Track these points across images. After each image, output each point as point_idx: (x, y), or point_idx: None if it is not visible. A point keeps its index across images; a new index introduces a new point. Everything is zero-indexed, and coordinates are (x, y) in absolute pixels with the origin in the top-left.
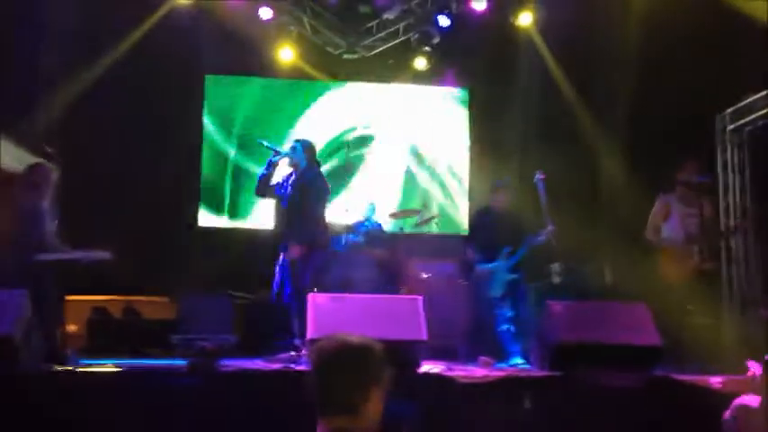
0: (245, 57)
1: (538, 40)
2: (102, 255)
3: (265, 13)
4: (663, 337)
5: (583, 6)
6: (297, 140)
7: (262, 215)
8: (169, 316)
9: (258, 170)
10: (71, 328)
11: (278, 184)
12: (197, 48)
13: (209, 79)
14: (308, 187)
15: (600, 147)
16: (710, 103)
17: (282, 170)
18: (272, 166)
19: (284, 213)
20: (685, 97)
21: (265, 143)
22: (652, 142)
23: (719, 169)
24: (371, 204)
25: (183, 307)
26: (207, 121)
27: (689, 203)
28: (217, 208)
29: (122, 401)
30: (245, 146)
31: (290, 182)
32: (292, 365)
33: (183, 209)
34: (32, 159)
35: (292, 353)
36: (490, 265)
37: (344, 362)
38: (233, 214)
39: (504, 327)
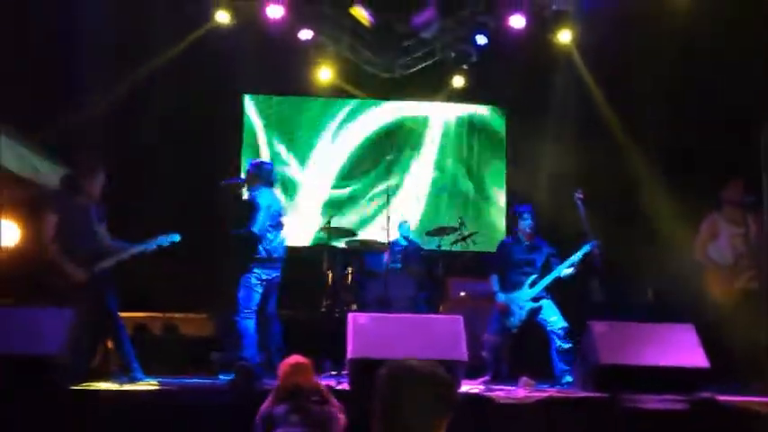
0: (284, 76)
1: (576, 57)
2: (172, 237)
3: (305, 34)
4: (708, 357)
5: (622, 23)
6: (249, 161)
7: (298, 233)
8: (208, 333)
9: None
10: (110, 345)
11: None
12: (236, 67)
13: (249, 98)
14: (244, 205)
15: (640, 164)
16: (756, 118)
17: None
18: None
19: None
20: (729, 113)
21: (223, 182)
22: (695, 160)
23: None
24: (406, 222)
25: (222, 324)
26: (246, 140)
27: (736, 223)
28: None
29: (163, 419)
30: (281, 163)
31: None
32: (333, 385)
33: (223, 225)
34: (63, 171)
35: (334, 372)
36: (510, 296)
37: (423, 391)
38: None
39: (557, 344)
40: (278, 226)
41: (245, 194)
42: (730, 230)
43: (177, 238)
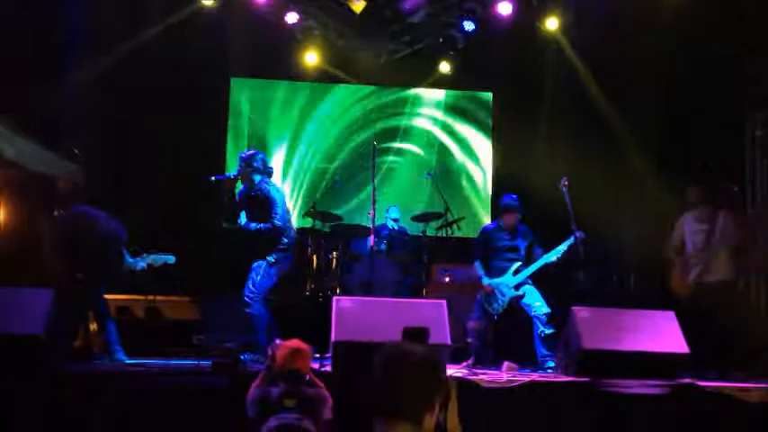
0: (270, 60)
1: (565, 43)
2: (166, 258)
3: (291, 17)
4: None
5: (610, 8)
6: (240, 155)
7: None
8: (191, 316)
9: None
10: (93, 326)
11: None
12: (223, 50)
13: (235, 82)
14: (255, 197)
15: (628, 151)
16: (743, 106)
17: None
18: (228, 192)
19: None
20: (718, 99)
21: (213, 177)
22: (682, 147)
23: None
24: (394, 207)
25: (206, 308)
26: (232, 123)
27: (702, 220)
28: None
29: (146, 401)
30: (268, 148)
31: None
32: (316, 368)
33: (206, 209)
34: (60, 161)
35: (317, 355)
36: (493, 281)
37: (417, 372)
38: None
39: (540, 329)
40: (288, 214)
41: (239, 188)
42: (694, 227)
43: (172, 259)
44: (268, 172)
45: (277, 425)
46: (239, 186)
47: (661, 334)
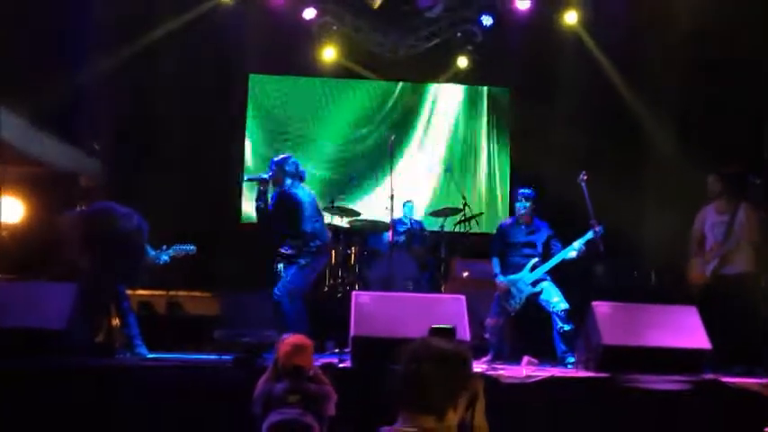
0: (288, 56)
1: (585, 37)
2: (187, 248)
3: (309, 13)
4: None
5: (630, 1)
6: (272, 160)
7: None
8: (212, 311)
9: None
10: (115, 321)
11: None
12: (241, 46)
13: (254, 78)
14: (283, 201)
15: (649, 144)
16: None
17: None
18: (262, 195)
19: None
20: (742, 89)
21: (247, 177)
22: (705, 139)
23: None
24: (410, 203)
25: (226, 303)
26: (250, 119)
27: (722, 211)
28: None
29: (167, 395)
30: (286, 143)
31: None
32: (335, 363)
33: (227, 205)
34: (81, 158)
35: (336, 350)
36: (510, 279)
37: (442, 367)
38: None
39: (559, 326)
40: (320, 216)
41: (272, 191)
42: (713, 219)
43: (193, 249)
44: (300, 176)
45: (278, 420)
46: (272, 191)
47: (682, 329)
